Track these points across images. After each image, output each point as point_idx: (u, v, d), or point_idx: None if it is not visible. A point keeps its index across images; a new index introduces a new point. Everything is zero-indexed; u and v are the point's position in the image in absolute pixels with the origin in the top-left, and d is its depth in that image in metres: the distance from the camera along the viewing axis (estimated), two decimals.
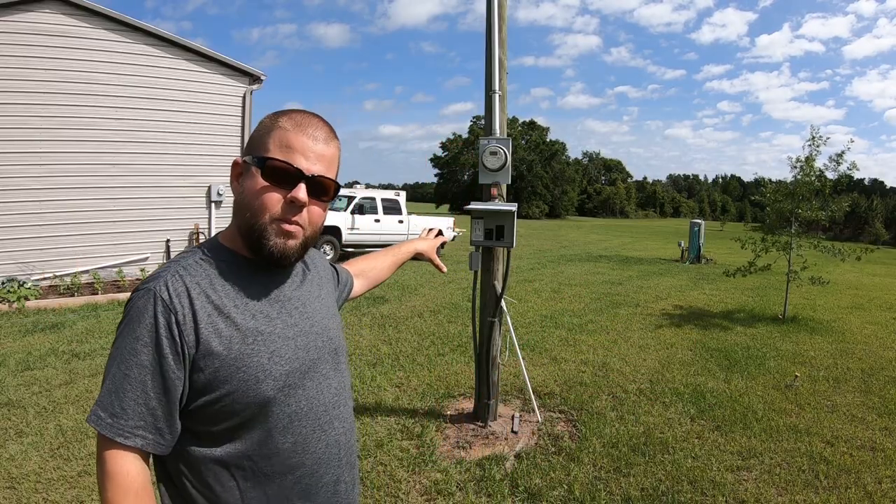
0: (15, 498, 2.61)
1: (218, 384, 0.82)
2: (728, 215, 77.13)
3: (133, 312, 0.81)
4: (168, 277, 0.83)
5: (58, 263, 7.82)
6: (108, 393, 0.79)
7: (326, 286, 1.08)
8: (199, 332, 0.81)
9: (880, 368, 5.14)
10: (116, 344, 0.81)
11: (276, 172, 0.85)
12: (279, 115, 0.89)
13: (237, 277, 0.88)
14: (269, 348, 0.86)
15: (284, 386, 0.87)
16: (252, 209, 0.86)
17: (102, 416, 0.78)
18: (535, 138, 60.50)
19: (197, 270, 0.85)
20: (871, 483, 2.96)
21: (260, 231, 0.85)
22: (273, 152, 0.85)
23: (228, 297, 0.85)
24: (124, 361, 0.79)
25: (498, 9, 3.54)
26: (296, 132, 0.86)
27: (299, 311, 0.94)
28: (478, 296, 3.64)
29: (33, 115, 7.59)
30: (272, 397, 0.86)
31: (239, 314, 0.85)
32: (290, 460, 0.89)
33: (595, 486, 2.87)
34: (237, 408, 0.83)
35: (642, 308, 7.84)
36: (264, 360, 0.85)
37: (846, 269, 14.41)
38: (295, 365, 0.89)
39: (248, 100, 9.77)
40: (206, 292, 0.84)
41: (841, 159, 7.07)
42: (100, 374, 4.34)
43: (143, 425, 0.79)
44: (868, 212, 47.15)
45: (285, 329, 0.90)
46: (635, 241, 25.03)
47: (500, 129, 3.58)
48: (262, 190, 0.85)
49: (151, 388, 0.79)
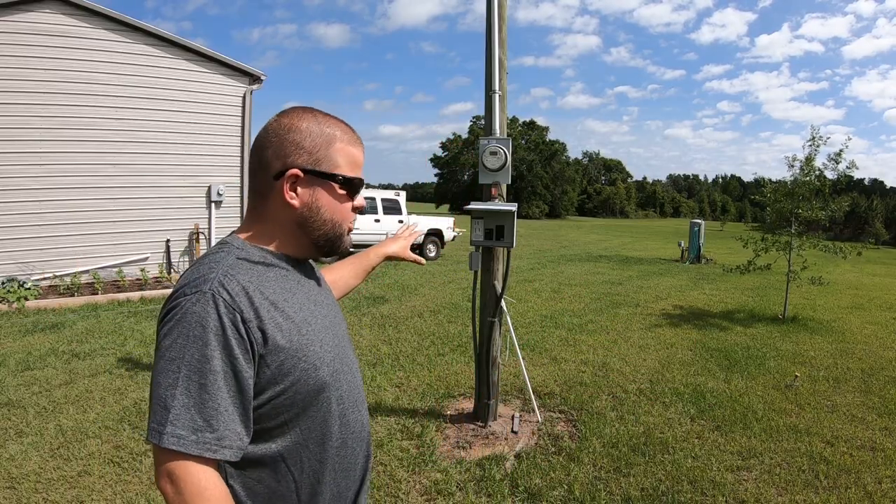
0: (15, 498, 2.61)
1: (282, 377, 0.83)
2: (728, 215, 77.18)
3: (190, 318, 0.77)
4: (221, 278, 0.81)
5: (58, 263, 7.82)
6: (185, 408, 0.74)
7: None
8: (264, 328, 0.81)
9: (880, 368, 5.14)
10: (174, 354, 0.76)
11: (352, 187, 0.95)
12: (324, 120, 0.93)
13: (277, 275, 0.90)
14: (318, 337, 0.91)
15: (334, 371, 0.92)
16: (334, 220, 0.94)
17: (184, 435, 0.73)
18: (534, 138, 60.50)
19: (242, 269, 0.85)
20: (871, 483, 2.96)
21: (339, 236, 0.96)
22: (344, 168, 0.93)
23: (277, 292, 0.87)
24: (196, 371, 0.75)
25: (498, 9, 3.54)
26: (354, 146, 0.95)
27: (325, 304, 1.01)
28: (478, 296, 3.64)
29: (33, 115, 7.59)
30: (328, 382, 0.90)
31: (289, 308, 0.88)
32: (338, 441, 0.93)
33: (595, 486, 2.87)
34: (298, 398, 0.86)
35: (642, 308, 7.84)
36: (317, 348, 0.89)
37: (846, 269, 14.41)
38: (336, 351, 0.95)
39: (248, 100, 9.77)
40: (260, 289, 0.84)
41: (839, 158, 7.07)
42: (100, 373, 4.34)
43: (229, 435, 0.76)
44: (868, 212, 47.15)
45: (323, 319, 0.96)
46: (635, 241, 25.04)
47: (500, 129, 3.58)
48: (343, 203, 0.95)
49: (228, 394, 0.77)
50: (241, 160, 9.87)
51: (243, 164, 9.89)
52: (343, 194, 0.94)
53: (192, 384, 0.75)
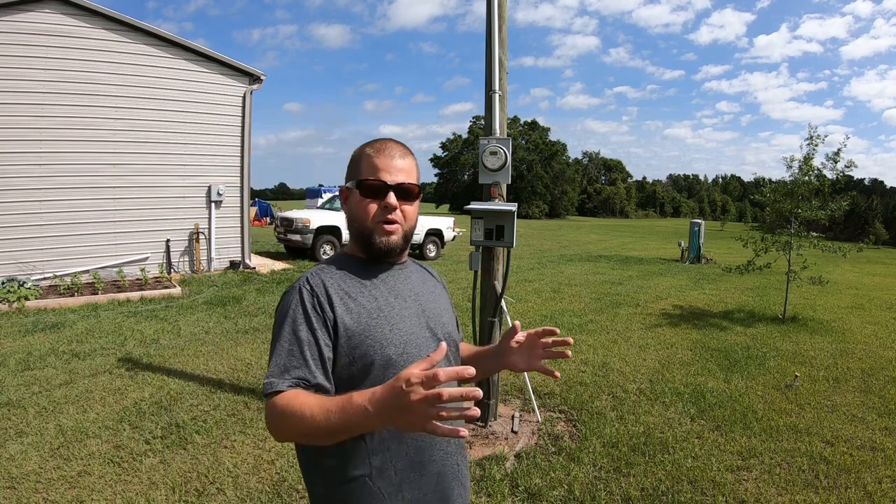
0: (15, 498, 2.61)
1: (352, 349, 1.04)
2: (728, 215, 77.03)
3: (284, 306, 1.06)
4: (308, 275, 1.10)
5: (58, 263, 7.82)
6: (276, 366, 0.99)
7: (444, 295, 1.30)
8: (334, 310, 1.04)
9: (880, 368, 5.14)
10: (275, 331, 1.04)
11: (369, 188, 1.11)
12: (365, 145, 1.17)
13: (359, 273, 1.13)
14: (390, 322, 1.08)
15: (403, 352, 1.07)
16: (359, 219, 1.13)
17: (273, 382, 0.97)
18: (535, 138, 60.48)
19: (329, 269, 1.12)
20: (871, 483, 2.96)
21: (368, 233, 1.12)
22: (364, 174, 1.12)
23: (353, 286, 1.10)
24: (286, 339, 1.01)
25: (498, 9, 3.54)
26: (378, 156, 1.13)
27: (412, 299, 1.16)
28: (478, 296, 3.64)
29: (33, 115, 7.59)
30: (394, 360, 1.05)
31: (363, 297, 1.09)
32: None
33: (595, 486, 2.87)
34: (368, 369, 1.03)
35: (642, 308, 7.84)
36: (386, 331, 1.07)
37: (846, 269, 14.42)
38: (411, 337, 1.10)
39: (248, 100, 9.77)
40: (337, 282, 1.09)
41: (838, 157, 7.06)
42: (100, 373, 4.35)
43: (301, 374, 0.98)
44: (868, 212, 47.15)
45: (402, 310, 1.12)
46: (635, 241, 25.04)
47: (500, 129, 3.58)
48: (363, 203, 1.12)
49: (309, 353, 1.00)
50: (240, 160, 9.87)
51: (243, 164, 9.89)
52: (362, 195, 1.12)
53: (281, 350, 1.01)
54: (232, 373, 4.52)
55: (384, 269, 1.17)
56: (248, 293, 7.88)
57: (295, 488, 2.78)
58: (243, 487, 2.78)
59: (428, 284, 1.25)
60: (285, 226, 12.02)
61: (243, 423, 3.54)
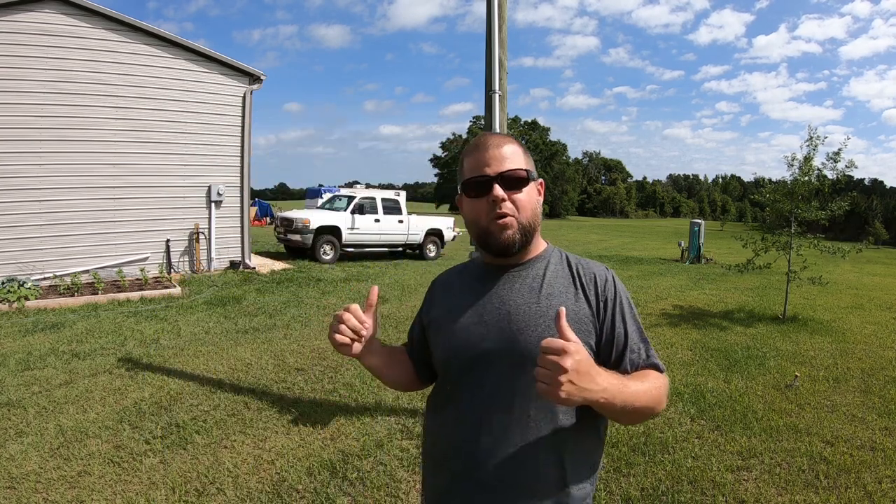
0: (15, 498, 2.61)
1: (431, 334, 1.18)
2: (728, 215, 76.93)
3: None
4: (441, 273, 1.27)
5: (58, 263, 7.82)
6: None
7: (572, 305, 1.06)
8: (433, 304, 1.21)
9: (880, 368, 5.14)
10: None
11: (472, 186, 1.07)
12: (466, 147, 1.15)
13: (471, 274, 1.18)
14: (464, 323, 1.10)
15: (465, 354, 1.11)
16: (473, 222, 1.09)
17: None
18: (535, 138, 60.52)
19: (456, 268, 1.25)
20: (871, 483, 2.96)
21: (486, 234, 1.07)
22: (466, 175, 1.08)
23: (454, 285, 1.20)
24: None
25: (498, 9, 3.54)
26: (474, 152, 1.08)
27: (498, 303, 1.08)
28: None
29: (33, 115, 7.59)
30: (447, 361, 1.14)
31: (453, 296, 1.16)
32: (442, 417, 1.14)
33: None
34: (442, 357, 1.13)
35: (642, 308, 7.83)
36: (456, 328, 1.11)
37: (846, 269, 14.42)
38: (476, 339, 1.07)
39: (248, 100, 9.77)
40: (450, 280, 1.22)
41: (838, 158, 7.05)
42: (100, 373, 4.35)
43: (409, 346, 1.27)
44: (868, 212, 47.16)
45: (485, 314, 1.08)
46: (635, 241, 25.04)
47: (500, 128, 3.59)
48: (472, 204, 1.08)
49: (418, 325, 1.24)
50: (240, 160, 9.88)
51: (243, 164, 9.90)
52: (469, 197, 1.09)
53: None
54: (232, 373, 4.52)
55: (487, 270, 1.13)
56: (248, 293, 7.88)
57: (295, 488, 2.78)
58: (243, 487, 2.78)
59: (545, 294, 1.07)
60: (285, 226, 12.03)
61: (243, 423, 3.54)
